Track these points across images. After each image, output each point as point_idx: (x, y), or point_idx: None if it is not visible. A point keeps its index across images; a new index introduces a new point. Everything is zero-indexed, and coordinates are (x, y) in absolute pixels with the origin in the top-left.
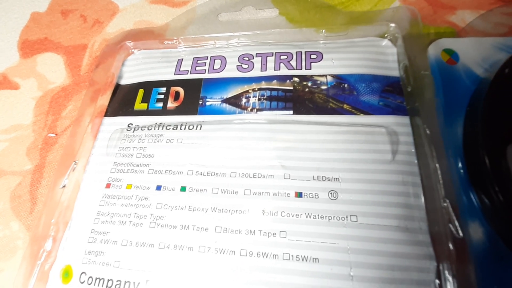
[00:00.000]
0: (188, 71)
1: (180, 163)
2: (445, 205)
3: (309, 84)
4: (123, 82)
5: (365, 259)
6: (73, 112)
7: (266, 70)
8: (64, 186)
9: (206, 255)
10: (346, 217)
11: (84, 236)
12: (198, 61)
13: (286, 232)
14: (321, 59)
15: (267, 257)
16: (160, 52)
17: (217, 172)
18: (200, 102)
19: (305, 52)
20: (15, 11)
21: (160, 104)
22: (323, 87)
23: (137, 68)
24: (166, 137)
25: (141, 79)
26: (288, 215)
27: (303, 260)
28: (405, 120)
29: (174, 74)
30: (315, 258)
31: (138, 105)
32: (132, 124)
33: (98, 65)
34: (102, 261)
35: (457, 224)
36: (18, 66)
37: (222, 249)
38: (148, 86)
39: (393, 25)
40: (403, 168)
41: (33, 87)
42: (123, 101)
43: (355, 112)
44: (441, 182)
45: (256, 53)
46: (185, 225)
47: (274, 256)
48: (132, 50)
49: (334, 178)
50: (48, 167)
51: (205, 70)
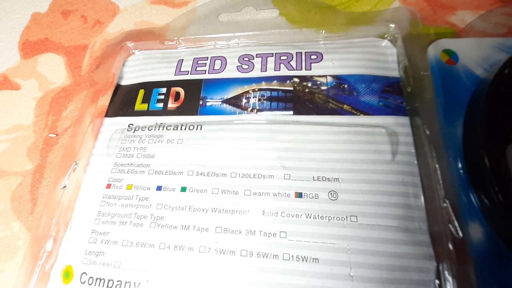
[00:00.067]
0: (188, 71)
1: (181, 163)
2: (445, 205)
3: (309, 84)
4: (124, 82)
5: (365, 259)
6: (74, 112)
7: (266, 71)
8: (64, 187)
9: (206, 255)
10: (346, 218)
11: (84, 236)
12: (199, 62)
13: (286, 232)
14: (321, 60)
15: (267, 257)
16: (160, 53)
17: (217, 172)
18: (201, 103)
19: (305, 52)
20: (15, 11)
21: (161, 105)
22: (323, 88)
23: (137, 69)
24: (167, 138)
25: (141, 79)
26: (288, 215)
27: (303, 260)
28: (405, 120)
29: (175, 75)
30: (315, 259)
31: (139, 106)
32: (132, 125)
33: (99, 65)
34: (103, 261)
35: (457, 224)
36: (19, 67)
37: (223, 250)
38: (149, 87)
39: (393, 25)
40: (403, 169)
41: (33, 88)
42: (123, 101)
43: (355, 112)
44: (441, 182)
45: (256, 54)
46: (185, 226)
47: (274, 256)
48: (133, 51)
49: (334, 179)
50: (49, 168)
51: (206, 70)
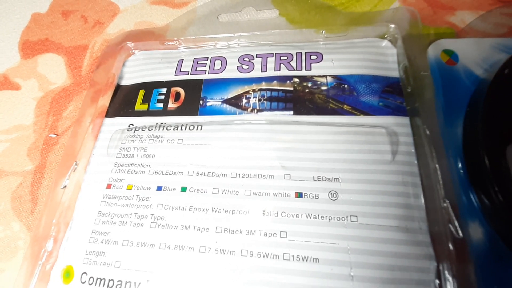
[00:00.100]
0: (188, 71)
1: (181, 163)
2: (445, 205)
3: (309, 84)
4: (124, 82)
5: (366, 259)
6: (74, 112)
7: (266, 71)
8: (65, 187)
9: (206, 255)
10: (346, 218)
11: (85, 236)
12: (199, 62)
13: (286, 232)
14: (321, 60)
15: (267, 257)
16: (160, 53)
17: (217, 172)
18: (201, 103)
19: (305, 53)
20: (16, 11)
21: (161, 105)
22: (323, 88)
23: (137, 69)
24: (167, 138)
25: (141, 79)
26: (289, 215)
27: (303, 260)
28: (405, 120)
29: (175, 75)
30: (316, 258)
31: (139, 106)
32: (132, 125)
33: (99, 65)
34: (103, 261)
35: (457, 224)
36: (19, 67)
37: (223, 249)
38: (149, 87)
39: (393, 26)
40: (403, 169)
41: (34, 88)
42: (123, 101)
43: (355, 112)
44: (441, 182)
45: (257, 54)
46: (185, 226)
47: (275, 256)
48: (133, 51)
49: (334, 179)
50: (49, 168)
51: (206, 70)
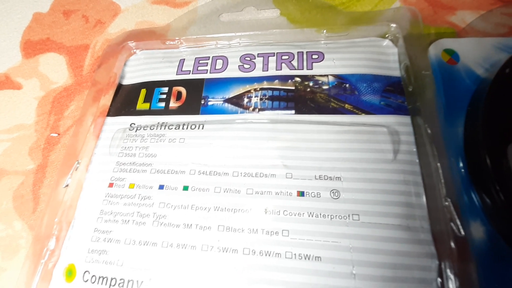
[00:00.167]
0: (190, 71)
1: (183, 162)
2: (446, 204)
3: (310, 84)
4: (125, 82)
5: (368, 258)
6: (76, 112)
7: (267, 70)
8: (67, 186)
9: (209, 253)
10: (348, 216)
11: (87, 235)
12: (200, 61)
13: (288, 231)
14: (322, 59)
15: (269, 255)
16: (162, 52)
17: (219, 171)
18: (202, 102)
19: (306, 52)
20: (17, 11)
21: (162, 104)
22: (325, 87)
23: (139, 68)
24: (169, 137)
25: (143, 79)
26: (291, 214)
27: (305, 258)
28: (406, 119)
29: (176, 74)
30: (318, 257)
31: (140, 105)
32: (134, 124)
33: (100, 65)
34: (106, 259)
35: (458, 223)
36: (21, 66)
37: (225, 248)
38: (150, 86)
39: (394, 25)
40: (405, 167)
41: (35, 87)
42: (125, 101)
43: (357, 111)
44: (442, 181)
45: (258, 53)
46: (188, 224)
47: (277, 254)
48: (134, 50)
49: (336, 177)
50: (51, 167)
51: (207, 70)
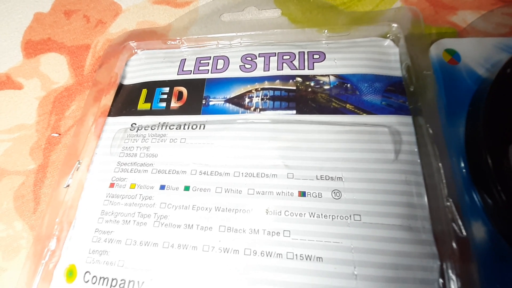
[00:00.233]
0: (191, 71)
1: (184, 162)
2: (448, 204)
3: (311, 84)
4: (126, 82)
5: (369, 258)
6: (77, 112)
7: (269, 70)
8: (68, 186)
9: (210, 254)
10: (350, 216)
11: (88, 235)
12: (201, 61)
13: (290, 231)
14: (323, 59)
15: (271, 256)
16: (163, 52)
17: (220, 171)
18: (203, 102)
19: (307, 52)
20: (18, 11)
21: (163, 104)
22: (326, 87)
23: (140, 68)
24: (170, 137)
25: (144, 79)
26: (292, 214)
27: (307, 259)
28: (408, 119)
29: (177, 74)
30: (319, 257)
31: (142, 105)
32: (135, 124)
33: (101, 65)
34: (106, 260)
35: (460, 223)
36: (22, 66)
37: (226, 248)
38: (151, 86)
39: (395, 25)
40: (406, 168)
41: (36, 87)
42: (126, 101)
43: (358, 111)
44: (444, 181)
45: (259, 53)
46: (189, 225)
47: (278, 255)
48: (135, 50)
49: (337, 178)
50: (52, 167)
51: (208, 70)
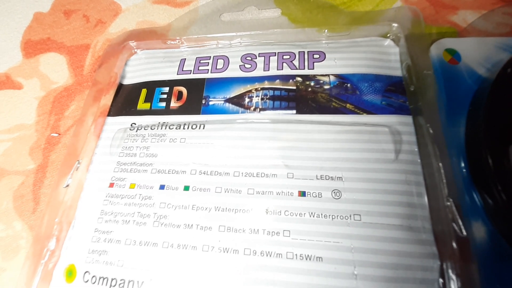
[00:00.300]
0: (191, 71)
1: (183, 162)
2: (448, 204)
3: (312, 83)
4: (126, 81)
5: (369, 258)
6: (76, 112)
7: (269, 70)
8: (67, 186)
9: (209, 254)
10: (350, 216)
11: (87, 235)
12: (201, 61)
13: (289, 231)
14: (323, 59)
15: (270, 256)
16: (162, 52)
17: (220, 171)
18: (203, 102)
19: (307, 52)
20: (18, 11)
21: (163, 104)
22: (326, 87)
23: (140, 68)
24: (169, 137)
25: (144, 78)
26: (292, 214)
27: (306, 259)
28: (408, 119)
29: (177, 74)
30: (319, 257)
31: (141, 105)
32: (135, 124)
33: (101, 65)
34: (106, 260)
35: (460, 223)
36: (21, 66)
37: (226, 248)
38: (151, 86)
39: (396, 25)
40: (406, 167)
41: (36, 87)
42: (126, 100)
43: (358, 111)
44: (444, 181)
45: (259, 53)
46: (188, 224)
47: (278, 255)
48: (135, 50)
49: (337, 177)
50: (51, 167)
51: (208, 70)
